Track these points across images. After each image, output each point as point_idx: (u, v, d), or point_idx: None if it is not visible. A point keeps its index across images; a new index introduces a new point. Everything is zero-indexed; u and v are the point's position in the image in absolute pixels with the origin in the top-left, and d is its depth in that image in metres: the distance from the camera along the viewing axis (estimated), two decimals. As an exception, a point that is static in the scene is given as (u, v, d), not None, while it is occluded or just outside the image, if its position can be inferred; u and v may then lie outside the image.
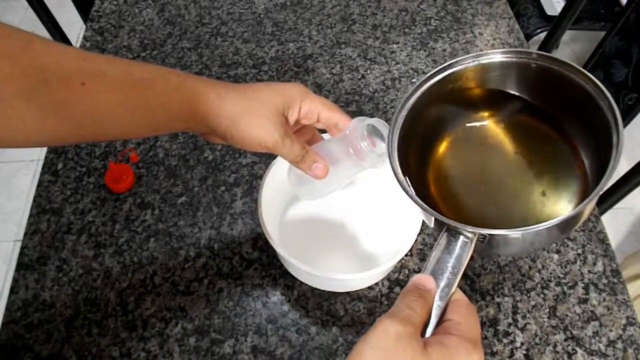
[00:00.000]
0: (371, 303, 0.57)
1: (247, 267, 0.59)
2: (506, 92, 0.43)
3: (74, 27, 1.70)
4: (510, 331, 0.56)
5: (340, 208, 0.62)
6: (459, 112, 0.46)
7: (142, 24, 0.84)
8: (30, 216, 0.63)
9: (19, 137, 0.35)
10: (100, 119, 0.37)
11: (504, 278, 0.59)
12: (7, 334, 0.55)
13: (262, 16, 0.86)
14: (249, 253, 0.60)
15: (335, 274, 0.50)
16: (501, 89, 0.43)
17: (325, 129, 0.48)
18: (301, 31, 0.84)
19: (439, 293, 0.33)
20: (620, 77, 1.07)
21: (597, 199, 0.34)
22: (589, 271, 0.60)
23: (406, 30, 0.84)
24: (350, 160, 0.45)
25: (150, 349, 0.54)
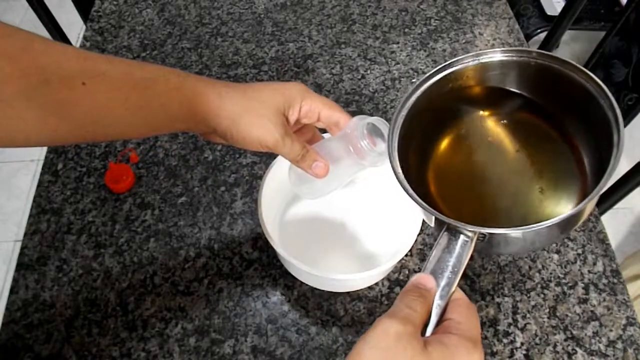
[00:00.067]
0: (371, 303, 0.57)
1: (247, 267, 0.59)
2: (506, 91, 0.43)
3: (74, 27, 1.70)
4: (510, 331, 0.56)
5: (340, 208, 0.62)
6: (459, 112, 0.46)
7: (142, 24, 0.84)
8: (30, 216, 0.63)
9: (20, 137, 0.35)
10: (100, 119, 0.37)
11: (504, 278, 0.59)
12: (7, 334, 0.55)
13: (262, 16, 0.86)
14: (249, 253, 0.60)
15: (335, 274, 0.50)
16: (502, 88, 0.43)
17: (325, 128, 0.48)
18: (301, 31, 0.84)
19: (439, 292, 0.33)
20: (620, 77, 1.07)
21: (598, 199, 0.34)
22: (589, 271, 0.60)
23: (406, 30, 0.84)
24: (350, 159, 0.45)
25: (150, 349, 0.54)
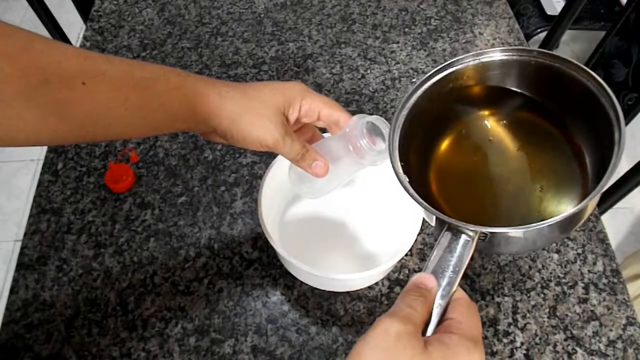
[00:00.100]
0: (371, 303, 0.57)
1: (247, 267, 0.59)
2: (507, 91, 0.43)
3: (74, 27, 1.71)
4: (510, 331, 0.56)
5: (340, 208, 0.62)
6: (460, 111, 0.46)
7: (142, 24, 0.84)
8: (30, 216, 0.63)
9: (20, 137, 0.35)
10: (100, 119, 0.37)
11: (504, 278, 0.59)
12: (7, 334, 0.54)
13: (262, 16, 0.86)
14: (249, 253, 0.60)
15: (335, 274, 0.50)
16: (502, 87, 0.43)
17: (325, 127, 0.48)
18: (301, 31, 0.84)
19: (440, 292, 0.33)
20: (620, 77, 1.07)
21: (599, 197, 0.33)
22: (589, 271, 0.60)
23: (406, 30, 0.84)
24: (350, 158, 0.45)
25: (150, 349, 0.54)
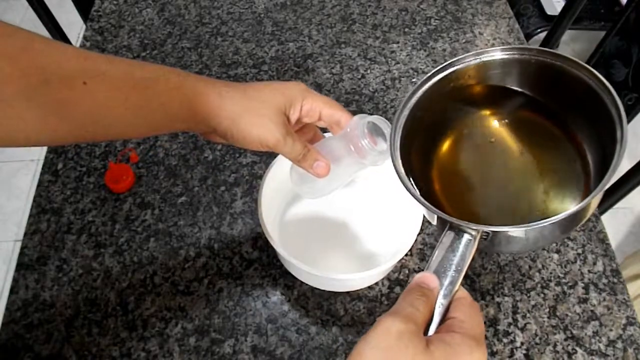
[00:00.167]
0: (371, 303, 0.57)
1: (247, 267, 0.59)
2: (508, 90, 0.43)
3: (74, 27, 1.70)
4: (510, 331, 0.56)
5: (340, 208, 0.62)
6: (462, 110, 0.45)
7: (142, 24, 0.84)
8: (30, 216, 0.63)
9: (20, 137, 0.35)
10: (100, 119, 0.37)
11: (504, 278, 0.59)
12: (7, 334, 0.54)
13: (262, 16, 0.86)
14: (249, 253, 0.60)
15: (335, 274, 0.50)
16: (503, 87, 0.43)
17: (326, 127, 0.48)
18: (301, 31, 0.84)
19: (443, 291, 0.33)
20: (620, 77, 1.07)
21: (602, 196, 0.33)
22: (589, 271, 0.60)
23: (406, 30, 0.84)
24: (351, 158, 0.45)
25: (150, 349, 0.54)
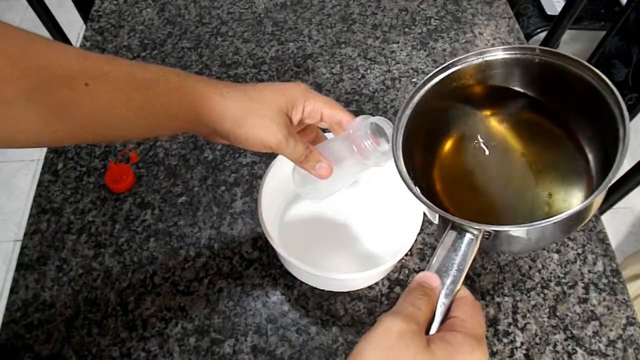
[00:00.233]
0: (371, 303, 0.57)
1: (247, 267, 0.59)
2: (510, 89, 0.43)
3: (74, 27, 1.70)
4: (510, 331, 0.56)
5: (339, 208, 0.62)
6: (463, 110, 0.45)
7: (142, 24, 0.84)
8: (30, 216, 0.63)
9: (20, 138, 0.35)
10: (102, 120, 0.37)
11: (504, 278, 0.59)
12: (7, 334, 0.54)
13: (262, 16, 0.86)
14: (249, 253, 0.60)
15: (335, 274, 0.50)
16: (505, 86, 0.43)
17: (328, 128, 0.48)
18: (301, 31, 0.84)
19: (444, 291, 0.33)
20: (620, 77, 1.07)
21: (604, 195, 0.33)
22: (589, 271, 0.60)
23: (406, 30, 0.84)
24: (354, 158, 0.45)
25: (150, 349, 0.54)
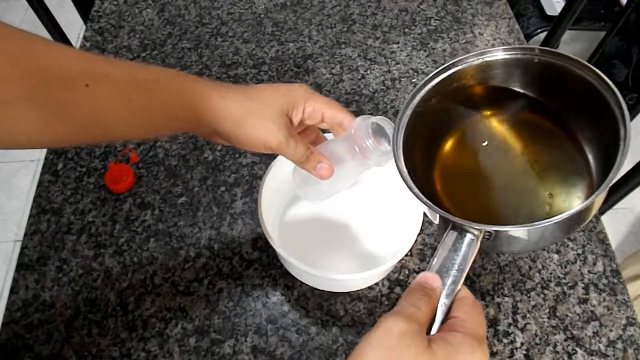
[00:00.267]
0: (371, 303, 0.57)
1: (247, 267, 0.59)
2: (510, 90, 0.43)
3: (74, 27, 1.70)
4: (510, 331, 0.56)
5: (339, 208, 0.62)
6: (464, 111, 0.45)
7: (142, 24, 0.84)
8: (30, 216, 0.63)
9: (21, 138, 0.35)
10: (102, 121, 0.37)
11: (504, 278, 0.59)
12: (7, 334, 0.55)
13: (262, 16, 0.86)
14: (249, 253, 0.60)
15: (335, 274, 0.50)
16: (505, 87, 0.43)
17: (328, 129, 0.48)
18: (301, 31, 0.84)
19: (445, 291, 0.33)
20: (620, 77, 1.07)
21: (605, 195, 0.33)
22: (589, 271, 0.60)
23: (406, 30, 0.84)
24: (355, 159, 0.45)
25: (150, 349, 0.54)
